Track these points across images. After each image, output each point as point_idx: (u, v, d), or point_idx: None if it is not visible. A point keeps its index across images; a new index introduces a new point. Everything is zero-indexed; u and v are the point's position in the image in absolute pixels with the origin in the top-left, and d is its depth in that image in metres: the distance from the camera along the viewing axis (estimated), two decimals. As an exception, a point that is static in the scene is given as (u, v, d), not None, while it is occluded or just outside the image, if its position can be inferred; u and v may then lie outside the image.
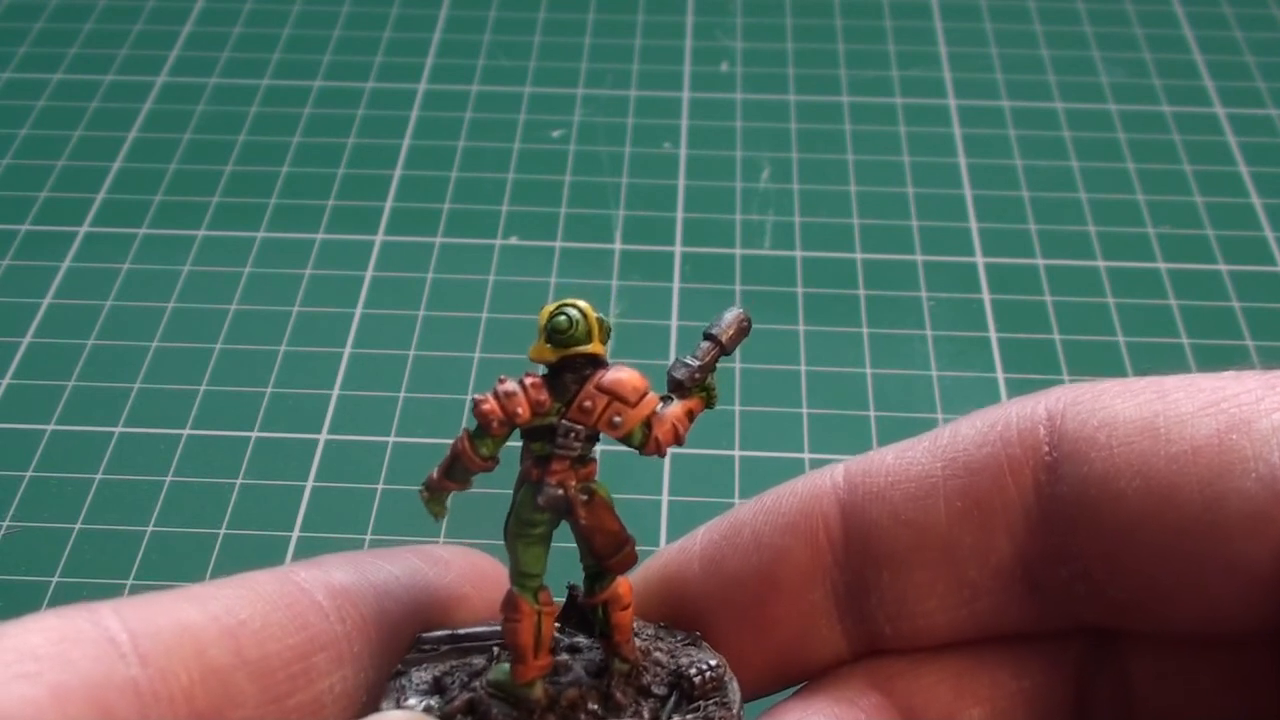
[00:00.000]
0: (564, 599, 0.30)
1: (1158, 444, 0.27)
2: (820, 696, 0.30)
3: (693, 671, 0.29)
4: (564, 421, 0.27)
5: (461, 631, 0.30)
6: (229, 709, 0.25)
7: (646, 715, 0.28)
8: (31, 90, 0.70)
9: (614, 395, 0.27)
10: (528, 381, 0.27)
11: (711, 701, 0.29)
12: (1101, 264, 0.60)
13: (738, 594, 0.30)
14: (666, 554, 0.31)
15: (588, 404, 0.27)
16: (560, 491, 0.27)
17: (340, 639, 0.27)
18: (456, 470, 0.27)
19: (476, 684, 0.29)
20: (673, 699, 0.29)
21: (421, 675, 0.29)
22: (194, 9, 0.75)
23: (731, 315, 0.29)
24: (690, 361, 0.29)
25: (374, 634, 0.28)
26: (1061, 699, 0.30)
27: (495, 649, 0.30)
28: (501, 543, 0.28)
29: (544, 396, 0.27)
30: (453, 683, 0.29)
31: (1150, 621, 0.28)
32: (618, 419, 0.27)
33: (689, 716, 0.29)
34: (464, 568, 0.30)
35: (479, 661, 0.29)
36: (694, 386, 0.29)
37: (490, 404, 0.26)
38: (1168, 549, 0.26)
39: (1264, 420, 0.26)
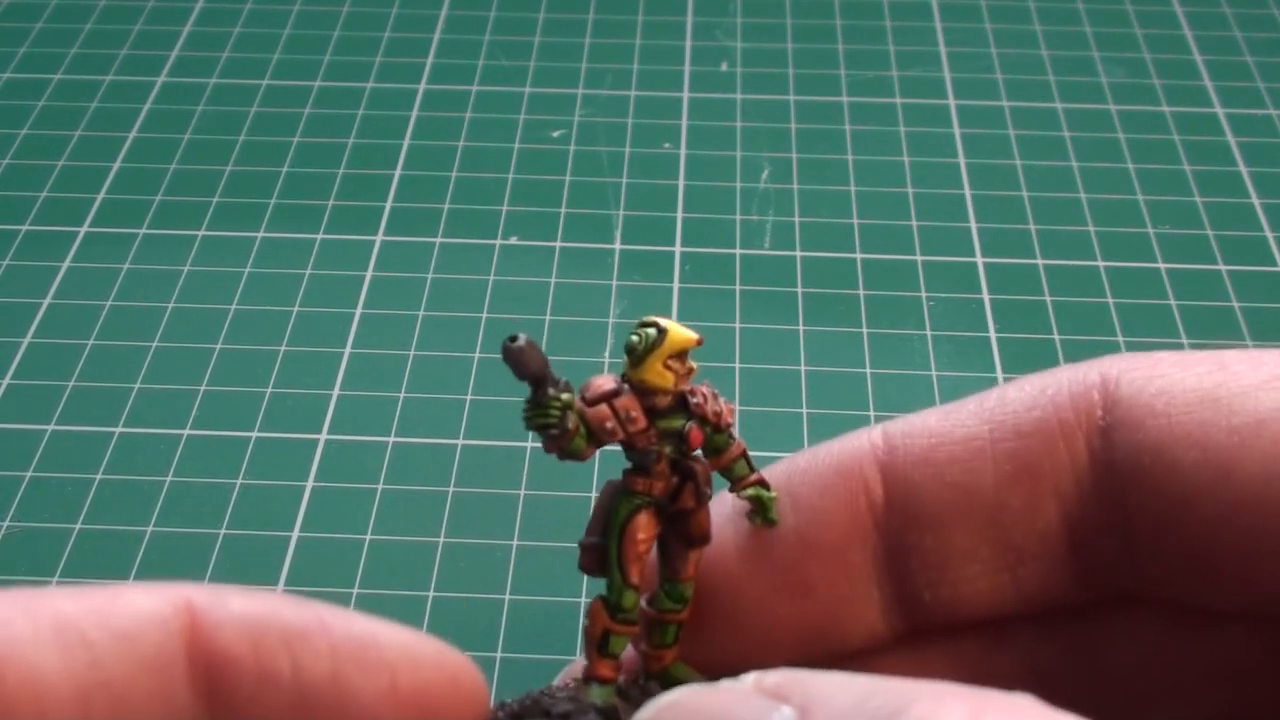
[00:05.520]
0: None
1: (1219, 415, 0.26)
2: None
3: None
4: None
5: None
6: None
7: None
8: (31, 90, 0.70)
9: None
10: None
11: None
12: (1101, 264, 0.60)
13: (772, 555, 0.30)
14: None
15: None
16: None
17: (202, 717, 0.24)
18: None
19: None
20: None
21: None
22: (194, 9, 0.75)
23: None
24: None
25: None
26: (1075, 674, 0.29)
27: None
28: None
29: None
30: None
31: (1187, 594, 0.27)
32: None
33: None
34: (411, 684, 0.25)
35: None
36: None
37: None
38: (1221, 524, 0.26)
39: None
